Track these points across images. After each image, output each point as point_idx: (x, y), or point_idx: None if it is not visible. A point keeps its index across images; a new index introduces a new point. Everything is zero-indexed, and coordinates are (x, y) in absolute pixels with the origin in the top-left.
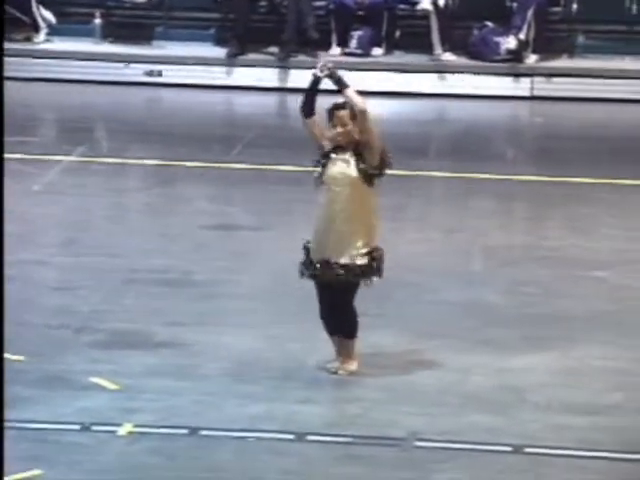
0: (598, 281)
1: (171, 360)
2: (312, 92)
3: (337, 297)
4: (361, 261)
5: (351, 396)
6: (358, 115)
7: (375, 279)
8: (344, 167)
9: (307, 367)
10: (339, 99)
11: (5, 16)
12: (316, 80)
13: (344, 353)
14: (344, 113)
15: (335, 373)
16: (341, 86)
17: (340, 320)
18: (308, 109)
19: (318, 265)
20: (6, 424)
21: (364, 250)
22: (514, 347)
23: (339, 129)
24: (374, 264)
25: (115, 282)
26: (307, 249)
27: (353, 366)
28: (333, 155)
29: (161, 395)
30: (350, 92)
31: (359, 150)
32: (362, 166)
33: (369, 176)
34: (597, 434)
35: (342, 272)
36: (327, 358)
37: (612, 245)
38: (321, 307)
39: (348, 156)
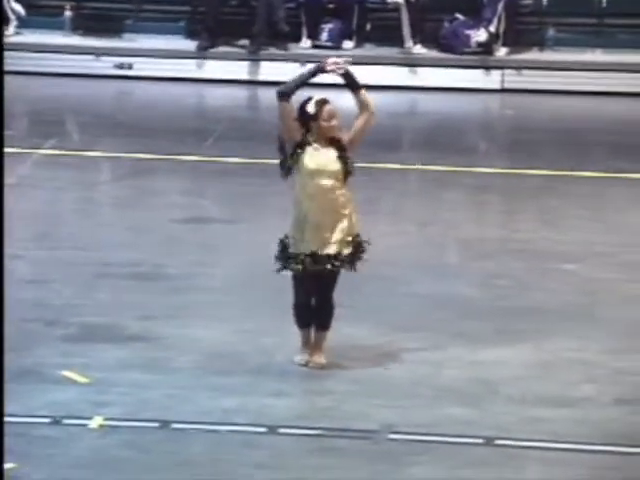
0: (570, 274)
1: (143, 353)
2: (305, 82)
3: (323, 288)
4: (347, 250)
5: (323, 389)
6: (368, 115)
7: (354, 267)
8: (326, 160)
9: (279, 360)
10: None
11: None
12: (317, 72)
13: (317, 345)
14: (334, 108)
15: (305, 366)
16: (356, 85)
17: (319, 311)
18: (290, 93)
19: (308, 258)
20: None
21: (348, 239)
22: (487, 340)
23: (335, 122)
24: (358, 252)
25: (87, 276)
26: (284, 244)
27: (323, 359)
28: (311, 148)
29: (133, 388)
30: (364, 92)
31: (342, 146)
32: (347, 161)
33: (349, 171)
34: (570, 426)
35: (331, 262)
36: (298, 351)
37: (583, 237)
38: (298, 299)
39: (329, 150)
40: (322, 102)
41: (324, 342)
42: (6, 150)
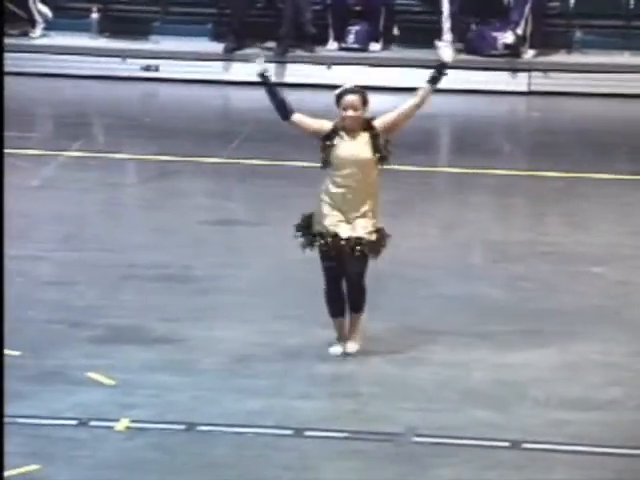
0: (596, 276)
1: (168, 355)
2: (273, 95)
3: (349, 270)
4: (371, 237)
5: (349, 391)
6: (416, 107)
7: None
8: (354, 149)
9: (305, 362)
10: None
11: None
12: (265, 79)
13: (351, 329)
14: (355, 98)
15: (340, 356)
16: (435, 82)
17: (349, 293)
18: (285, 111)
19: (329, 239)
20: (4, 419)
21: (373, 228)
22: (513, 342)
23: (350, 113)
24: (381, 241)
25: (112, 277)
26: (308, 221)
27: (355, 346)
28: (339, 137)
29: (158, 390)
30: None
31: (375, 133)
32: (380, 148)
33: (384, 158)
34: (596, 429)
35: (354, 245)
36: (325, 353)
37: (610, 240)
38: (326, 286)
39: (360, 138)
40: (347, 91)
41: (358, 326)
42: (33, 152)
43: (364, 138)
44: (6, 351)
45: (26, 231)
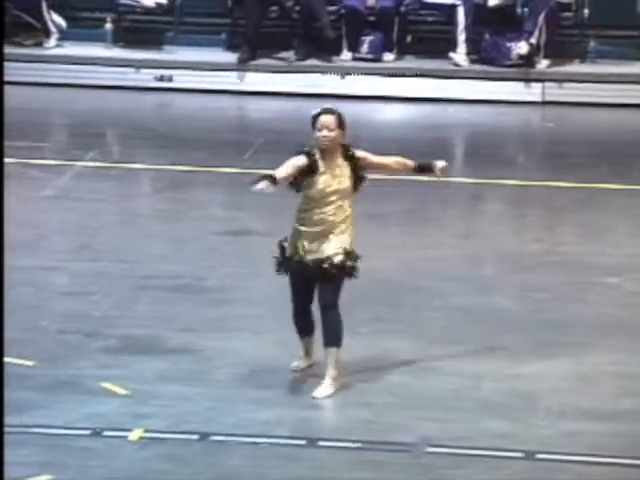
0: (610, 287)
1: (182, 365)
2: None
3: (319, 295)
4: (337, 258)
5: (362, 401)
6: (392, 168)
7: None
8: (333, 181)
9: (318, 372)
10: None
11: (16, 21)
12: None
13: (327, 366)
14: (331, 118)
15: (298, 371)
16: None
17: (322, 323)
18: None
19: (294, 263)
20: (17, 429)
21: (339, 250)
22: (526, 353)
23: (325, 132)
24: (350, 259)
25: (127, 287)
26: (282, 247)
27: (328, 388)
28: (319, 171)
29: (172, 400)
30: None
31: (357, 164)
32: (358, 174)
33: (360, 184)
34: (609, 440)
35: (320, 266)
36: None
37: (624, 251)
38: (293, 307)
39: (344, 169)
40: (321, 112)
41: (332, 364)
42: (47, 162)
43: (346, 170)
44: (20, 361)
45: (40, 241)
